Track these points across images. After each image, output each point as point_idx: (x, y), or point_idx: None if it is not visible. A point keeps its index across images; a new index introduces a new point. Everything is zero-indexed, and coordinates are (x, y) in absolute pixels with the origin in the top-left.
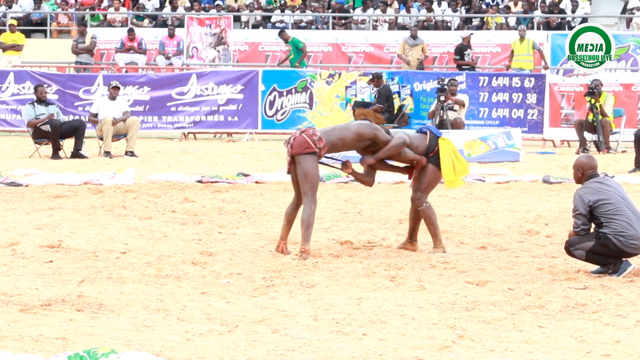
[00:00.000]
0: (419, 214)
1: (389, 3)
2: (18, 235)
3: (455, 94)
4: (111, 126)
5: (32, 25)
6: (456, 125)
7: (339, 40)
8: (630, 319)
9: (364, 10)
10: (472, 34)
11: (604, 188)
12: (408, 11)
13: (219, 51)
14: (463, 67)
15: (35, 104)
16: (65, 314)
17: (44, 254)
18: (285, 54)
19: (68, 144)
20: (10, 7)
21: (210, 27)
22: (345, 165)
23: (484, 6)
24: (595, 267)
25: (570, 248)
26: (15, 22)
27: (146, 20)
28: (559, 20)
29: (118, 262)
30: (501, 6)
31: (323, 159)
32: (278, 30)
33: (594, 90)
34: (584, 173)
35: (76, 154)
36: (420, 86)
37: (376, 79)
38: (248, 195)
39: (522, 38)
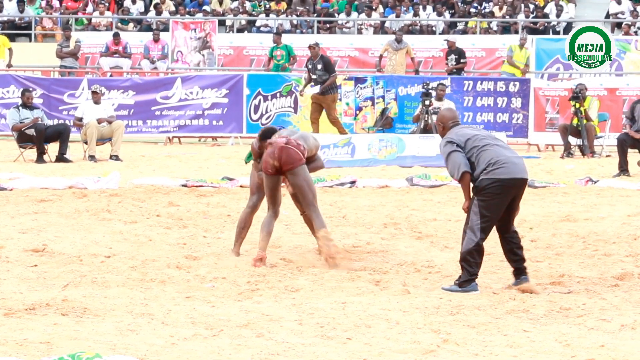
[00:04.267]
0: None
1: (374, 7)
2: (2, 239)
3: (442, 99)
4: (95, 130)
5: (16, 29)
6: None
7: (324, 44)
8: (615, 323)
9: (348, 15)
10: (445, 40)
11: (467, 131)
12: (398, 16)
13: (203, 55)
14: (449, 72)
15: (20, 107)
16: (49, 318)
17: (28, 258)
18: (270, 59)
19: (52, 148)
20: (0, 10)
21: (195, 31)
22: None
23: (472, 10)
24: (454, 284)
25: (463, 239)
26: None
27: (131, 25)
28: (545, 24)
29: (103, 266)
30: (487, 10)
31: None
32: (263, 34)
33: (578, 95)
34: (445, 126)
35: (61, 158)
36: (405, 90)
37: (315, 48)
38: (233, 199)
39: (521, 46)
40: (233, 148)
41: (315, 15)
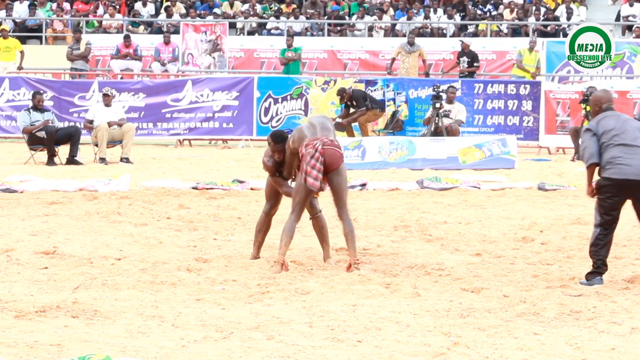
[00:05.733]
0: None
1: (384, 10)
2: (13, 242)
3: (452, 101)
4: (106, 133)
5: (27, 32)
6: (451, 131)
7: (335, 47)
8: (625, 326)
9: (362, 18)
10: (461, 41)
11: (609, 122)
12: (409, 18)
13: (214, 58)
14: (460, 74)
15: (31, 110)
16: (60, 320)
17: (39, 261)
18: (283, 60)
19: (63, 151)
20: (9, 13)
21: (205, 34)
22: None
23: (479, 12)
24: (584, 278)
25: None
26: (7, 28)
27: (141, 27)
28: (556, 27)
29: (113, 268)
30: (494, 13)
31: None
32: (273, 36)
33: (589, 98)
34: (601, 108)
35: (71, 160)
36: (416, 93)
37: (344, 94)
38: (243, 201)
39: (531, 49)
40: (243, 151)
41: (325, 17)
